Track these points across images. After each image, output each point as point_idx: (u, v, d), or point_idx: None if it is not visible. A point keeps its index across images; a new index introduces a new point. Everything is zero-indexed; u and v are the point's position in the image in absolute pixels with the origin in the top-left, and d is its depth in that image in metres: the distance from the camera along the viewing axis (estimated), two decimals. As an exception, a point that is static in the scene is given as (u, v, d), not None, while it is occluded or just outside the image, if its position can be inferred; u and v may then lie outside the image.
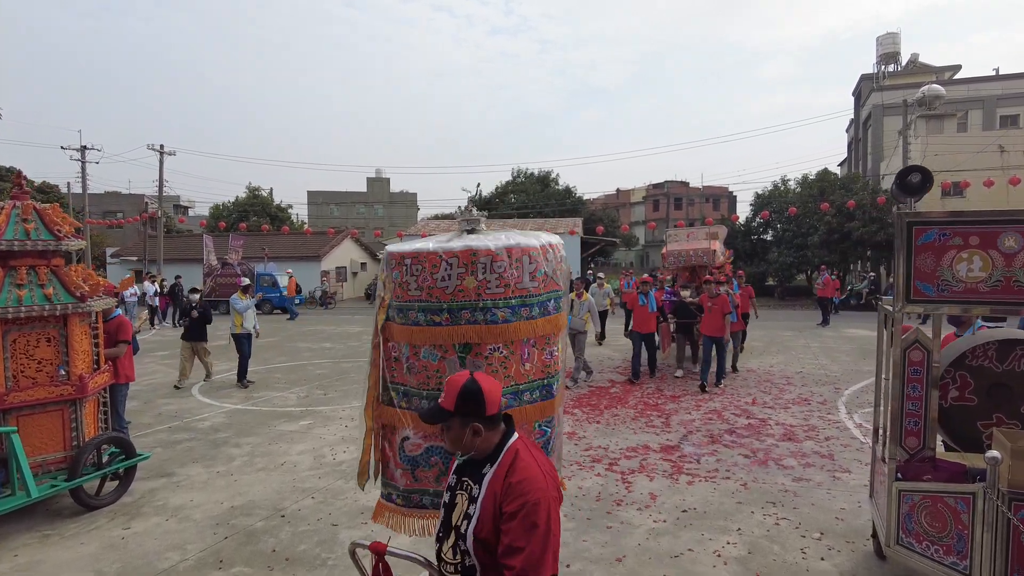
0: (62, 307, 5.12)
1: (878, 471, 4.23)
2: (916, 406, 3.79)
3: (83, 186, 37.38)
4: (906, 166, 4.03)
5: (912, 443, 3.80)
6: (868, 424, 7.72)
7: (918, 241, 3.55)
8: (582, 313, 10.60)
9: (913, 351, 3.78)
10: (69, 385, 5.19)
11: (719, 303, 9.70)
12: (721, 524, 4.87)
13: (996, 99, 33.40)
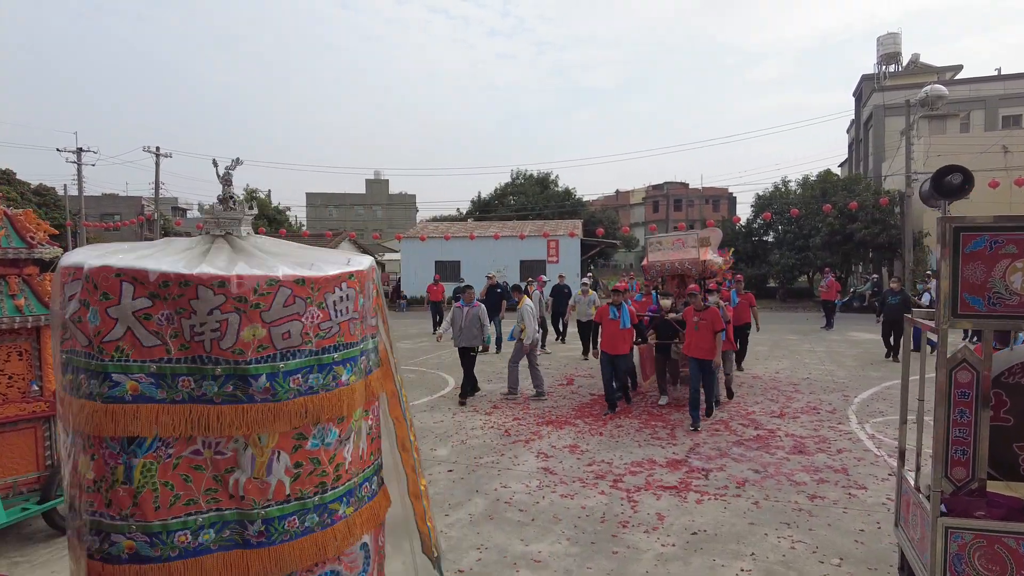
0: (34, 319, 4.84)
1: (909, 500, 3.89)
2: (964, 433, 3.44)
3: (79, 188, 37.19)
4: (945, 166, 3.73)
5: (959, 474, 3.47)
6: (881, 435, 7.44)
7: (966, 249, 3.20)
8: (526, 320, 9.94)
9: (960, 371, 3.44)
10: (43, 401, 4.91)
11: (708, 318, 7.95)
12: (734, 548, 4.59)
13: (998, 99, 33.19)
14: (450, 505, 5.47)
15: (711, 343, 7.90)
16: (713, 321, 7.90)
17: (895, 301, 12.89)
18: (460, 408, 9.15)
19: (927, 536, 3.40)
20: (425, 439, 7.58)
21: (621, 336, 8.54)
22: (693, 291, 8.44)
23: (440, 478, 6.18)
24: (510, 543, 4.71)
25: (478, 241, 31.47)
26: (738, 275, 11.67)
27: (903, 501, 4.04)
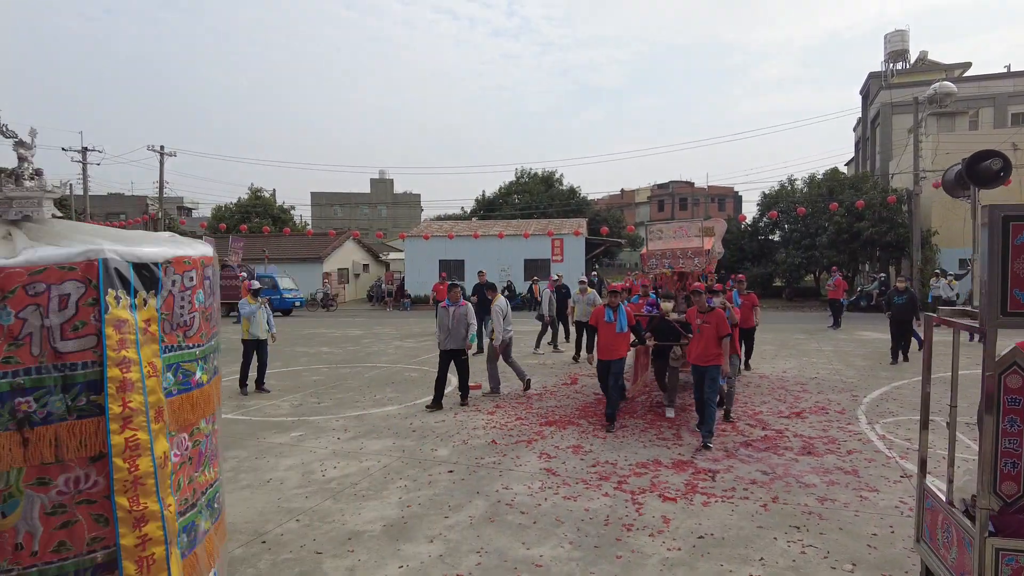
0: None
1: (938, 515, 3.59)
2: (1014, 443, 3.13)
3: (84, 187, 37.16)
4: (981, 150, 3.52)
5: (1009, 489, 3.16)
6: (892, 436, 7.28)
7: (1016, 240, 2.87)
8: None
9: (1010, 376, 3.14)
10: None
11: (713, 321, 7.16)
12: (742, 553, 4.44)
13: (1008, 96, 32.87)
14: (450, 507, 5.34)
15: (716, 349, 7.12)
16: (718, 324, 7.13)
17: (901, 301, 12.44)
18: (462, 408, 9.02)
19: (969, 557, 3.12)
20: (426, 439, 7.45)
21: (618, 341, 7.82)
22: (697, 289, 7.56)
23: (440, 479, 6.05)
24: (511, 546, 4.57)
25: (482, 240, 31.34)
26: (739, 274, 10.84)
27: (929, 515, 3.73)
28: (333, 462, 6.65)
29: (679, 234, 10.06)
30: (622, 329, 7.79)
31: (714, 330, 7.14)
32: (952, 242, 27.67)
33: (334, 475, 6.24)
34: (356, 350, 15.33)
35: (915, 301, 12.66)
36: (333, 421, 8.34)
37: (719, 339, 7.12)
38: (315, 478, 6.15)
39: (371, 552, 4.53)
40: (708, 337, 7.15)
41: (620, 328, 7.79)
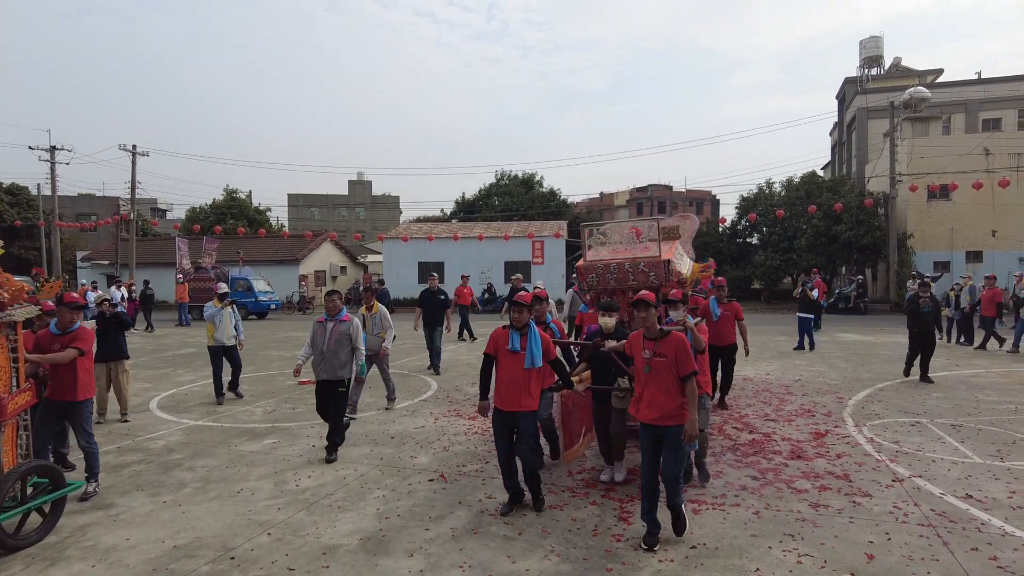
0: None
1: None
2: None
3: (52, 187, 36.16)
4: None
5: None
6: (880, 439, 7.17)
7: None
8: (376, 329, 8.72)
9: None
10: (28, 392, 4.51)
11: (670, 352, 4.54)
12: (736, 563, 4.25)
13: (979, 103, 33.47)
14: (431, 518, 5.08)
15: (677, 397, 4.49)
16: (678, 358, 4.49)
17: (928, 310, 10.58)
18: (443, 413, 8.75)
19: None
20: (405, 445, 7.18)
21: (526, 381, 5.02)
22: (643, 299, 4.69)
23: (420, 488, 5.79)
24: (495, 560, 4.34)
25: (462, 242, 31.07)
26: (719, 279, 9.03)
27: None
28: (307, 471, 6.36)
29: (629, 238, 7.63)
30: (533, 363, 5.03)
31: (671, 367, 4.49)
32: (927, 245, 28.07)
33: (308, 485, 5.95)
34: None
35: (938, 309, 11.32)
36: (308, 428, 8.03)
37: (681, 381, 4.50)
38: (288, 488, 5.85)
39: (347, 568, 4.26)
40: (663, 379, 4.50)
41: (530, 361, 5.03)
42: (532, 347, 5.05)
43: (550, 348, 5.23)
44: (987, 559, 4.25)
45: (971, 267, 26.62)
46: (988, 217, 26.83)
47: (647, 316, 4.66)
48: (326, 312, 6.98)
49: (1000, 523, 4.83)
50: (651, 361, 4.59)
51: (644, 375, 4.62)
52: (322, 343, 6.76)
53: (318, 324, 6.89)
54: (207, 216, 45.94)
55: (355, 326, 6.94)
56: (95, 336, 6.72)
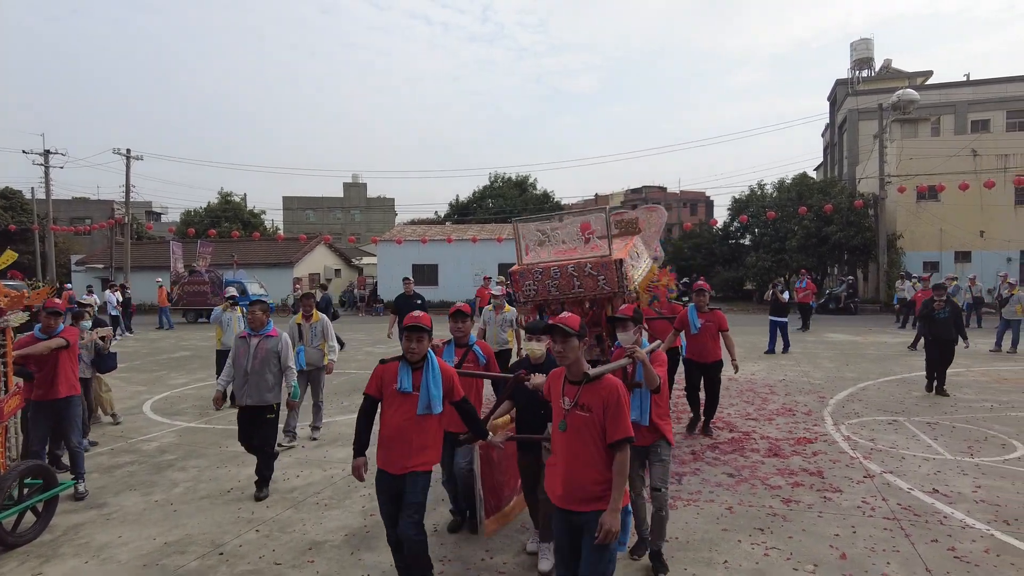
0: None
1: None
2: None
3: (47, 191, 36.26)
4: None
5: None
6: (857, 437, 7.36)
7: None
8: (316, 341, 7.66)
9: None
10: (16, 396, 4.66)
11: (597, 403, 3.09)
12: (706, 556, 4.43)
13: (968, 104, 33.78)
14: (414, 515, 5.25)
15: (600, 471, 3.08)
16: (607, 412, 3.07)
17: (944, 316, 9.56)
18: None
19: None
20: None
21: (419, 431, 3.80)
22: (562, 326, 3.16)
23: (406, 486, 5.96)
24: (474, 555, 4.51)
25: (456, 244, 31.23)
26: (698, 281, 7.91)
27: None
28: (296, 470, 6.52)
29: (573, 235, 6.15)
30: (431, 407, 3.77)
31: (596, 427, 3.08)
32: (917, 245, 28.34)
33: (297, 484, 6.11)
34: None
35: (960, 316, 10.17)
36: (298, 429, 8.17)
37: (608, 448, 3.07)
38: (277, 487, 6.00)
39: (331, 562, 4.43)
40: (584, 443, 3.10)
41: (427, 405, 3.76)
42: (429, 385, 3.74)
43: (455, 386, 3.86)
44: (945, 550, 4.44)
45: (960, 267, 26.90)
46: (976, 218, 27.11)
47: (565, 349, 3.10)
48: (248, 325, 5.94)
49: (962, 516, 5.02)
50: (569, 415, 3.09)
51: (559, 434, 3.15)
52: (245, 362, 5.75)
53: (240, 340, 5.90)
54: (202, 219, 46.02)
55: (284, 342, 5.99)
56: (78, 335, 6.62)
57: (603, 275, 5.56)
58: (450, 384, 3.88)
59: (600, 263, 5.62)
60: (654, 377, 4.01)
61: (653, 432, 4.27)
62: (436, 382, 3.80)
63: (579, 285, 5.69)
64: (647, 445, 4.28)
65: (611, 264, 5.54)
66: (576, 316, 3.33)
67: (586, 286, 5.65)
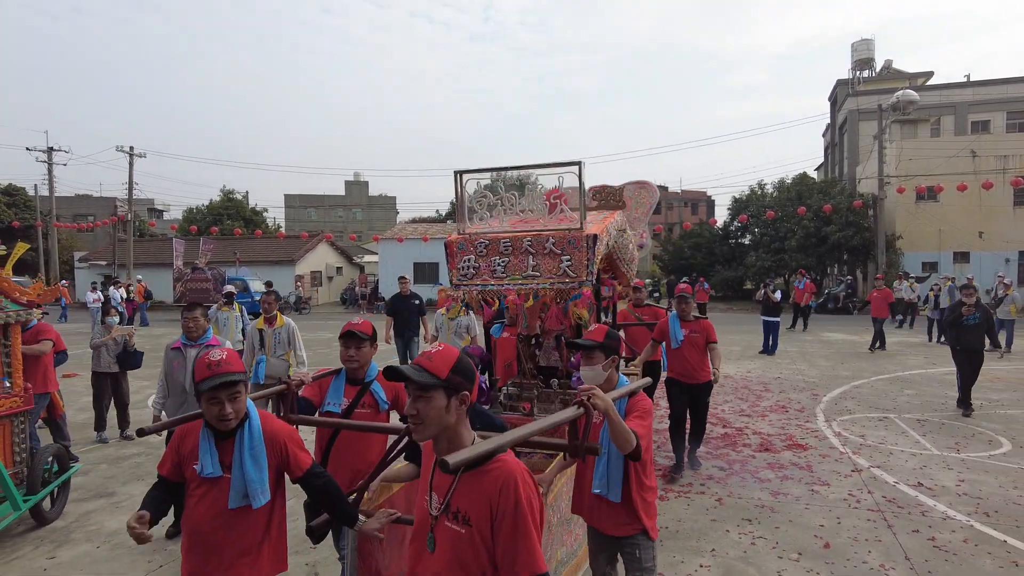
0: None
1: None
2: None
3: (50, 188, 36.49)
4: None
5: None
6: (847, 433, 7.52)
7: None
8: (280, 350, 6.69)
9: None
10: (15, 397, 4.85)
11: (482, 510, 1.77)
12: (694, 544, 4.59)
13: (968, 105, 33.86)
14: (414, 504, 5.42)
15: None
16: (498, 525, 1.75)
17: (974, 321, 8.25)
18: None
19: None
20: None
21: (240, 534, 2.51)
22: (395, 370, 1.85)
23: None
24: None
25: (457, 243, 31.33)
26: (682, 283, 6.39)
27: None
28: (299, 462, 6.69)
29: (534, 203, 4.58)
30: (253, 498, 2.48)
31: (479, 553, 1.78)
32: (915, 246, 28.47)
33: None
34: (326, 353, 15.28)
35: (991, 320, 8.74)
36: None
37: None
38: (281, 478, 6.18)
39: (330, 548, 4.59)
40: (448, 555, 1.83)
41: (241, 493, 2.48)
42: (244, 463, 2.46)
43: (291, 456, 2.57)
44: (926, 539, 4.61)
45: (959, 268, 27.02)
46: (975, 218, 27.23)
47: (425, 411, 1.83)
48: (184, 333, 4.91)
49: (944, 508, 5.18)
50: (437, 527, 1.89)
51: (427, 556, 1.90)
52: (182, 378, 4.75)
53: (173, 352, 4.91)
54: (204, 217, 46.23)
55: None
56: None
57: (569, 255, 4.10)
58: (282, 455, 2.54)
59: (566, 238, 4.14)
60: (627, 437, 2.49)
61: (629, 517, 2.86)
62: (256, 457, 2.47)
63: (534, 266, 4.24)
64: (619, 537, 2.90)
65: (580, 241, 4.06)
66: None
67: (544, 268, 4.21)
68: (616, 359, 2.95)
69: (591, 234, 4.17)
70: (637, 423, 2.70)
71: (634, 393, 2.90)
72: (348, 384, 3.46)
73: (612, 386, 2.89)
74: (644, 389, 2.99)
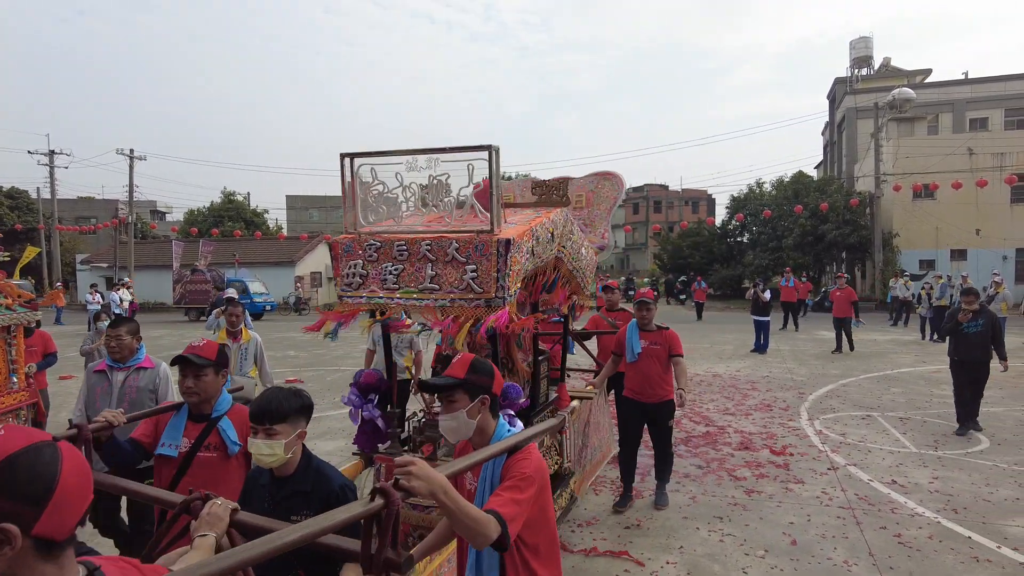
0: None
1: None
2: None
3: (52, 191, 36.81)
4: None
5: None
6: (828, 431, 7.59)
7: None
8: (246, 367, 5.94)
9: None
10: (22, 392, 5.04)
11: None
12: (663, 542, 4.67)
13: (966, 102, 33.83)
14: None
15: None
16: None
17: (976, 329, 7.17)
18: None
19: None
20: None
21: None
22: None
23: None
24: (445, 540, 4.75)
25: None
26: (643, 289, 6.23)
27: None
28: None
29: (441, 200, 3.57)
30: None
31: None
32: (912, 244, 28.46)
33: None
34: (322, 353, 15.40)
35: (997, 326, 7.40)
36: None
37: None
38: (264, 478, 6.27)
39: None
40: None
41: None
42: None
43: None
44: (891, 536, 4.68)
45: (956, 265, 27.02)
46: (972, 216, 27.21)
47: None
48: (108, 354, 4.00)
49: (915, 505, 5.25)
50: None
51: None
52: (105, 407, 3.52)
53: (96, 376, 3.98)
54: (205, 219, 46.42)
55: (162, 375, 4.07)
56: None
57: (475, 264, 3.25)
58: None
59: (472, 242, 3.27)
60: (475, 528, 1.78)
61: None
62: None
63: (433, 277, 3.36)
64: None
65: (490, 246, 3.20)
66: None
67: (445, 279, 3.34)
68: (487, 399, 2.19)
69: (505, 238, 3.21)
70: (508, 498, 1.89)
71: (516, 448, 2.05)
72: (191, 421, 2.82)
73: (486, 439, 2.18)
74: None
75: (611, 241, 5.35)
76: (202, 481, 2.50)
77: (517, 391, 3.26)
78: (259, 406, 2.23)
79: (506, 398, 3.07)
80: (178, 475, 2.72)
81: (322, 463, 2.35)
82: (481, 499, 2.04)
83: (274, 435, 2.18)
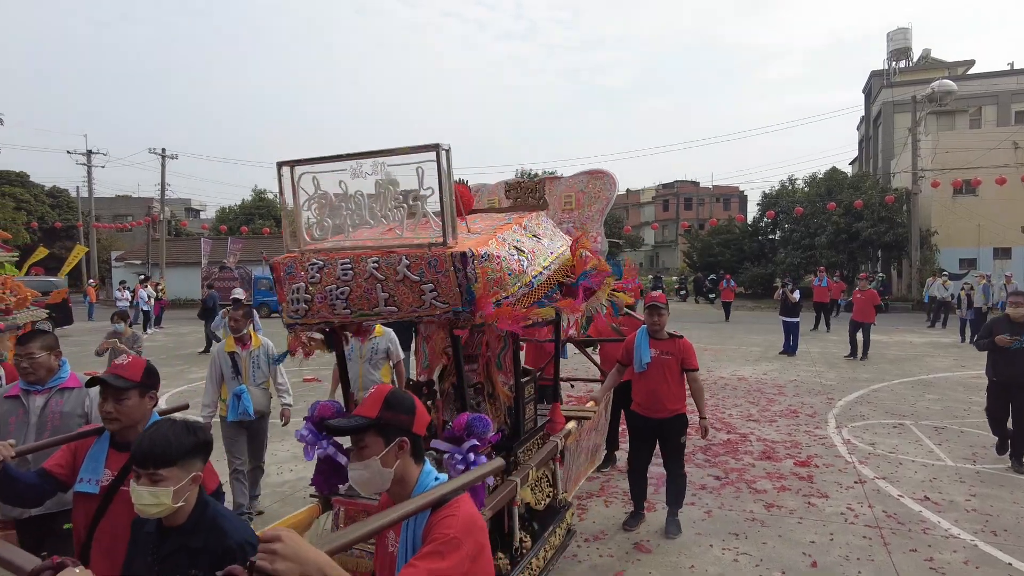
0: None
1: None
2: None
3: (89, 190, 37.69)
4: None
5: None
6: (857, 440, 7.21)
7: None
8: (260, 378, 5.30)
9: None
10: None
11: None
12: (673, 560, 4.41)
13: (1011, 94, 32.50)
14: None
15: None
16: None
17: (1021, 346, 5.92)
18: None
19: None
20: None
21: None
22: None
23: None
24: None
25: (480, 241, 31.23)
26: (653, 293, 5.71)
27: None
28: (291, 465, 6.67)
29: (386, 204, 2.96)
30: None
31: None
32: (951, 242, 27.42)
33: (288, 478, 6.27)
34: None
35: None
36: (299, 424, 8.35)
37: None
38: (269, 481, 6.16)
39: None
40: None
41: None
42: None
43: None
44: (922, 560, 4.34)
45: (999, 264, 25.94)
46: (1018, 212, 26.07)
47: None
48: (21, 377, 3.31)
49: (949, 525, 4.89)
50: None
51: None
52: (22, 438, 3.08)
53: (6, 402, 3.26)
54: (236, 217, 47.07)
55: (93, 395, 3.24)
56: None
57: (431, 280, 2.82)
58: None
59: (424, 258, 2.81)
60: None
61: None
62: None
63: (388, 299, 2.93)
64: None
65: (444, 262, 2.78)
66: None
67: (402, 301, 2.91)
68: (406, 442, 1.83)
69: (460, 251, 2.74)
70: (423, 569, 1.57)
71: (441, 503, 1.71)
72: (113, 449, 2.43)
73: (407, 490, 1.83)
74: None
75: (603, 245, 4.89)
76: (126, 521, 2.10)
77: (485, 423, 2.77)
78: (141, 446, 1.84)
79: (471, 432, 2.72)
80: (98, 514, 2.31)
81: (222, 513, 1.96)
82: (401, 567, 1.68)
83: (160, 481, 1.81)
